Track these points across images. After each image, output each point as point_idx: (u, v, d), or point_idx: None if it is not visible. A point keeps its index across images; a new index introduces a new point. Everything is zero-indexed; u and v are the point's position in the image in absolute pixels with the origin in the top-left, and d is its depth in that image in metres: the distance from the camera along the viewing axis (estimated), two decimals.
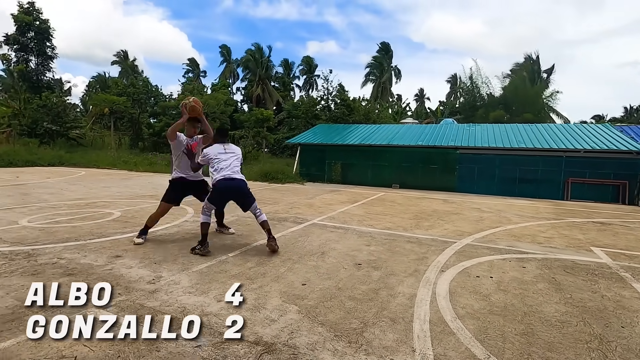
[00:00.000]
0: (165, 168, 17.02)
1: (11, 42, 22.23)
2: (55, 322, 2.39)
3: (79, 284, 3.06)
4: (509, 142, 11.87)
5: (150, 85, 25.12)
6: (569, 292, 3.26)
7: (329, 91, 23.47)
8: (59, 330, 2.28)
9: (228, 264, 3.72)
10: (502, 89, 33.22)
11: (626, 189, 10.29)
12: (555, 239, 5.38)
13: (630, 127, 15.81)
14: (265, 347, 2.19)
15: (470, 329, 2.50)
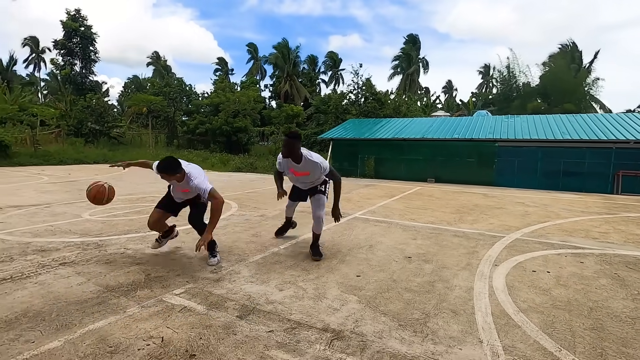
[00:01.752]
0: (202, 164, 17.64)
1: (59, 47, 23.68)
2: (137, 306, 2.60)
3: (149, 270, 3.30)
4: (552, 133, 11.36)
5: (184, 84, 25.97)
6: (636, 289, 3.14)
7: (358, 85, 23.31)
8: (142, 313, 2.48)
9: (281, 256, 3.85)
10: (540, 78, 31.65)
11: None
12: (611, 234, 5.15)
13: None
14: (334, 333, 2.29)
15: (536, 322, 2.48)
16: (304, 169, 3.62)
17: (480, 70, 48.93)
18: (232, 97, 23.43)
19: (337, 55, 44.81)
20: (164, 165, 3.23)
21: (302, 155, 3.55)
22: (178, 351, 2.05)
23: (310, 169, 3.60)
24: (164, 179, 3.34)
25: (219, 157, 18.26)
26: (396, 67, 43.22)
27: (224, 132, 22.76)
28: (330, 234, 4.83)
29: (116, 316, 2.43)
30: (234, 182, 11.27)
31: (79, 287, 2.90)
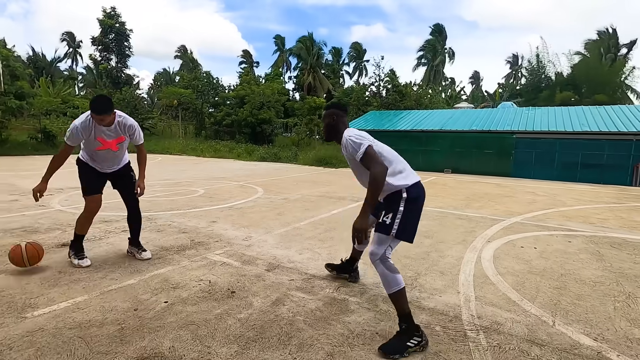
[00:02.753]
0: (228, 154, 18.59)
1: (96, 43, 25.24)
2: (187, 260, 3.33)
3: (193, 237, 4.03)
4: (571, 125, 11.40)
5: (211, 77, 27.02)
6: (610, 262, 3.57)
7: (380, 77, 23.54)
8: (192, 265, 3.20)
9: (301, 230, 4.51)
10: (571, 67, 30.53)
11: None
12: (609, 220, 5.48)
13: None
14: (341, 283, 2.91)
15: (509, 282, 3.00)
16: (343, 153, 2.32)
17: (508, 60, 47.49)
18: (257, 89, 24.23)
19: (361, 46, 44.77)
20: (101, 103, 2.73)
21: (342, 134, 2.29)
22: (222, 289, 2.74)
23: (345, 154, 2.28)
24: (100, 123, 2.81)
25: (245, 148, 19.15)
26: (421, 57, 42.74)
27: (249, 124, 23.65)
28: (344, 215, 5.43)
29: (173, 266, 3.16)
30: (260, 171, 12.03)
31: None
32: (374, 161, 2.05)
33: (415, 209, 2.17)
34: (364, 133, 2.22)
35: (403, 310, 2.08)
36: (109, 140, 2.97)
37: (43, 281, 2.77)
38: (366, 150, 2.08)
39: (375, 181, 2.00)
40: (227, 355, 1.91)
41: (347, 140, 2.17)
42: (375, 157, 2.08)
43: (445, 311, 2.48)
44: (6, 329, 2.09)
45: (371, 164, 2.05)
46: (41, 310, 2.32)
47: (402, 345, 1.97)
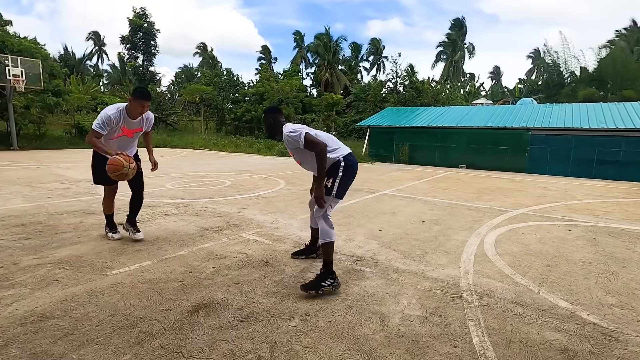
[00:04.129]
0: (248, 149, 19.27)
1: (125, 42, 26.41)
2: (226, 238, 3.88)
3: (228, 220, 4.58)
4: (587, 122, 11.45)
5: (232, 75, 27.80)
6: (603, 247, 3.92)
7: (397, 74, 23.71)
8: (230, 242, 3.75)
9: None
10: (598, 62, 29.64)
11: None
12: (614, 213, 5.75)
13: None
14: (358, 258, 3.40)
15: (506, 260, 3.42)
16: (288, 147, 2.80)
17: (530, 55, 46.48)
18: (276, 86, 24.84)
19: (379, 42, 44.68)
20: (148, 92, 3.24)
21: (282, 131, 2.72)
22: (257, 260, 3.27)
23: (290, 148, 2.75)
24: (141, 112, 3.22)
25: (264, 143, 19.78)
26: (440, 53, 42.37)
27: None
28: (361, 204, 5.90)
29: (214, 242, 3.72)
30: (280, 165, 12.60)
31: (185, 227, 4.25)
32: (314, 143, 2.59)
33: (350, 173, 2.76)
34: (298, 125, 2.75)
35: (328, 258, 2.66)
36: (129, 129, 3.33)
37: (112, 250, 3.38)
38: (305, 136, 2.59)
39: (320, 156, 2.58)
40: (268, 304, 2.44)
41: (287, 135, 2.65)
42: (314, 139, 2.60)
43: (446, 280, 2.93)
44: (95, 282, 2.68)
45: (313, 146, 2.59)
46: (117, 270, 2.91)
47: (317, 284, 2.55)
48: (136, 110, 3.20)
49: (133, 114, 3.24)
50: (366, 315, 2.32)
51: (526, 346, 2.02)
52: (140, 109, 3.20)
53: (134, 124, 3.34)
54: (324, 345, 1.98)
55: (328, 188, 2.68)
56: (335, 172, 2.71)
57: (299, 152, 2.75)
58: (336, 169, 2.71)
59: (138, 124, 3.38)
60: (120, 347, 1.89)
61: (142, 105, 3.20)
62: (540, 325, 2.25)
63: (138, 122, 3.37)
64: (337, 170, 2.71)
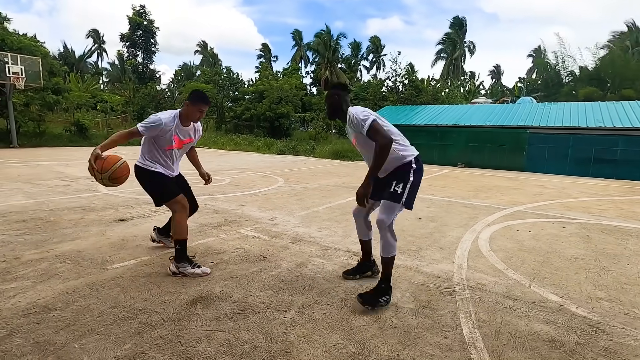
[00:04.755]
0: (247, 147, 19.32)
1: (125, 40, 26.42)
2: (224, 234, 3.94)
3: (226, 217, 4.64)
4: (585, 121, 11.50)
5: (232, 73, 27.80)
6: (595, 244, 3.99)
7: (396, 72, 23.74)
8: (228, 237, 3.81)
9: (320, 213, 5.07)
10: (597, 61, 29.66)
11: None
12: (609, 211, 5.81)
13: None
14: (353, 253, 3.46)
15: (499, 256, 3.48)
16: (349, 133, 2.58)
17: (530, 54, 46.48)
18: (275, 84, 24.85)
19: (379, 41, 44.76)
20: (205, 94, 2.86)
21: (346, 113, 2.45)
22: (255, 255, 3.33)
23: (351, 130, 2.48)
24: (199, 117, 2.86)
25: (264, 141, 19.84)
26: (440, 52, 42.37)
27: (267, 118, 24.34)
28: None
29: (213, 238, 3.78)
30: (279, 163, 12.65)
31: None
32: (380, 133, 2.24)
33: (419, 179, 2.44)
34: (369, 110, 2.38)
35: (389, 273, 2.42)
36: (182, 140, 2.91)
37: (112, 246, 3.44)
38: (372, 123, 2.26)
39: (382, 151, 2.21)
40: (265, 297, 2.50)
41: (353, 116, 2.33)
42: (381, 129, 2.26)
43: (440, 275, 2.99)
44: (95, 275, 2.74)
45: (378, 136, 2.24)
46: (117, 265, 2.97)
47: (375, 300, 2.33)
48: (193, 115, 2.82)
49: (188, 121, 2.85)
50: (360, 307, 2.38)
51: (514, 337, 2.09)
52: (198, 114, 2.83)
53: (186, 133, 2.91)
54: (318, 335, 2.04)
55: (397, 194, 2.34)
56: (406, 176, 2.36)
57: (361, 138, 2.41)
58: (407, 171, 2.37)
59: (189, 133, 2.95)
60: (120, 337, 1.95)
61: (201, 111, 2.82)
62: (530, 318, 2.31)
63: (189, 131, 2.94)
64: (408, 174, 2.37)
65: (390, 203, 2.36)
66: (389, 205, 2.37)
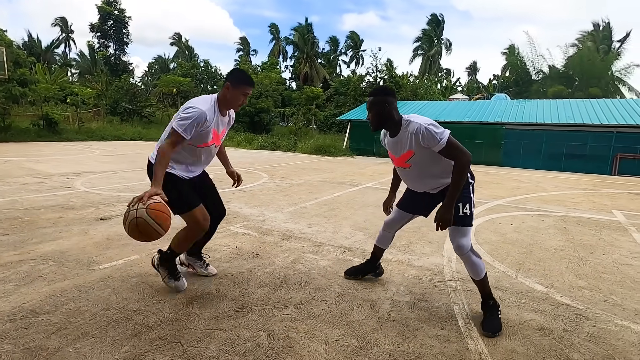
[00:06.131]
0: (227, 142, 19.00)
1: (95, 30, 25.26)
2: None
3: None
4: (557, 118, 12.01)
5: (210, 66, 27.19)
6: (572, 235, 4.19)
7: (377, 68, 23.93)
8: (219, 235, 3.75)
9: (307, 209, 5.07)
10: (566, 60, 30.93)
11: None
12: (582, 204, 6.12)
13: None
14: (345, 248, 3.49)
15: (485, 249, 3.60)
16: (401, 146, 2.18)
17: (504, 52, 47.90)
18: (255, 79, 24.51)
19: (358, 36, 44.87)
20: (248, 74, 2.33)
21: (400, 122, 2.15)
22: (247, 252, 3.30)
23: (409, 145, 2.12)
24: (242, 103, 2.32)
25: (244, 136, 19.57)
26: (417, 48, 42.95)
27: (247, 113, 24.00)
28: (345, 197, 6.00)
29: None
30: (261, 158, 12.53)
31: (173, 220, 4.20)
32: (460, 149, 2.00)
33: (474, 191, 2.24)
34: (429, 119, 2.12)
35: (490, 290, 2.22)
36: (219, 134, 2.41)
37: (97, 245, 3.32)
38: (449, 138, 2.00)
39: (464, 169, 1.99)
40: (261, 294, 2.48)
41: (425, 129, 2.00)
42: (459, 144, 2.02)
43: (431, 268, 3.07)
44: (83, 277, 2.64)
45: (458, 152, 2.00)
46: (105, 265, 2.87)
47: (498, 320, 2.12)
48: (236, 100, 2.29)
49: (227, 108, 2.35)
50: (358, 302, 2.41)
51: (507, 326, 2.17)
52: (242, 99, 2.30)
53: (223, 123, 2.41)
54: (319, 331, 2.05)
55: (468, 217, 2.14)
56: (468, 193, 2.16)
57: (425, 154, 2.10)
58: (467, 188, 2.15)
59: (227, 123, 2.46)
60: (117, 340, 1.89)
61: (245, 94, 2.30)
62: (519, 307, 2.41)
63: (225, 121, 2.43)
64: (469, 191, 2.17)
65: (463, 228, 2.16)
66: (463, 231, 2.16)
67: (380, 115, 2.15)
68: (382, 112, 2.13)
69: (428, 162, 2.14)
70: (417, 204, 2.47)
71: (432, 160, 2.13)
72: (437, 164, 2.15)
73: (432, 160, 2.13)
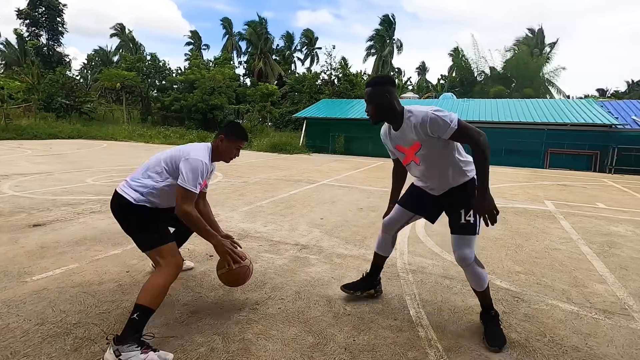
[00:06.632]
0: (178, 141, 18.19)
1: (23, 17, 22.79)
2: None
3: None
4: (497, 116, 12.97)
5: (157, 60, 25.77)
6: (511, 225, 4.56)
7: (331, 66, 24.18)
8: None
9: (263, 207, 5.01)
10: (504, 62, 33.45)
11: (597, 158, 11.53)
12: (518, 195, 6.66)
13: (610, 102, 16.82)
14: (302, 246, 3.50)
15: (435, 240, 3.80)
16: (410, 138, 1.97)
17: (450, 53, 50.64)
18: (207, 74, 23.66)
19: (312, 33, 44.95)
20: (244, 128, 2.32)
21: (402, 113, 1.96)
22: (200, 254, 3.19)
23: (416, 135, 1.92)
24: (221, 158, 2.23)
25: (197, 134, 18.86)
26: (370, 48, 43.99)
27: (199, 110, 23.13)
28: (301, 194, 6.01)
29: None
30: None
31: (115, 225, 3.87)
32: (473, 128, 1.83)
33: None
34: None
35: (491, 301, 2.11)
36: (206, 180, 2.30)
37: (29, 255, 3.02)
38: (459, 120, 1.80)
39: (485, 149, 1.81)
40: (216, 297, 2.42)
41: (433, 115, 1.81)
42: (470, 125, 1.85)
43: (385, 262, 3.17)
44: (12, 290, 2.39)
45: (471, 132, 1.81)
46: (39, 276, 2.62)
47: (501, 332, 2.02)
48: (229, 154, 2.24)
49: (219, 159, 2.26)
50: (314, 299, 2.43)
51: (454, 312, 2.31)
52: (235, 152, 2.26)
53: (211, 172, 2.37)
54: (275, 330, 2.04)
55: (472, 224, 2.01)
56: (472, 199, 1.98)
57: (434, 145, 1.91)
58: (472, 193, 1.99)
59: (210, 173, 2.36)
60: (54, 356, 1.74)
61: (239, 148, 2.27)
62: (464, 294, 2.58)
63: (211, 170, 2.37)
64: (473, 195, 1.97)
65: (467, 237, 2.03)
66: (467, 239, 2.04)
67: (382, 107, 1.96)
68: (384, 103, 1.94)
69: (435, 155, 1.96)
70: (421, 202, 2.28)
71: (440, 154, 1.95)
72: (444, 158, 1.97)
73: (439, 154, 1.95)
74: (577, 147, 11.75)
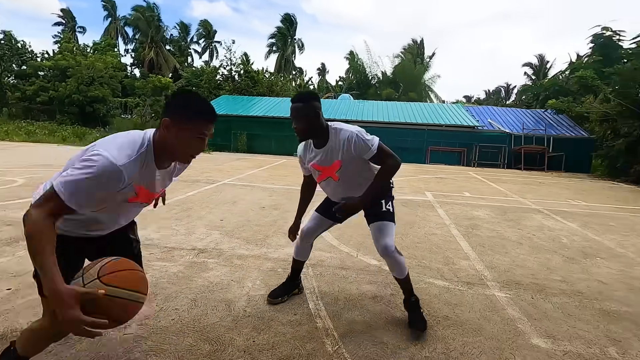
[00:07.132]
0: (47, 138, 15.40)
1: None
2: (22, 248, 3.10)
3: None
4: (388, 117, 14.34)
5: (13, 39, 21.31)
6: (398, 215, 5.08)
7: (231, 61, 23.41)
8: None
9: (156, 211, 4.55)
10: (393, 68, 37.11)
11: (465, 154, 13.74)
12: (405, 188, 7.49)
13: (474, 107, 20.20)
14: (200, 250, 3.32)
15: (333, 234, 4.00)
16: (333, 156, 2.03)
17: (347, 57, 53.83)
18: (84, 61, 20.50)
19: (211, 26, 42.86)
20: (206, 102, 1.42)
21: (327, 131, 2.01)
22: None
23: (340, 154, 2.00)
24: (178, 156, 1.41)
25: (72, 130, 16.24)
26: (272, 45, 43.92)
27: (75, 102, 19.93)
28: (200, 195, 5.70)
29: (7, 258, 2.92)
30: None
31: None
32: (391, 154, 2.00)
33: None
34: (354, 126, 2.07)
35: (411, 285, 2.24)
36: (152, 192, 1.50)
37: None
38: (379, 143, 1.98)
39: (392, 173, 2.01)
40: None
41: (357, 136, 1.93)
42: (389, 149, 2.01)
43: (286, 259, 3.21)
44: None
45: (388, 156, 1.99)
46: None
47: (421, 316, 2.15)
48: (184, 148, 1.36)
49: (171, 158, 1.45)
50: (212, 305, 2.33)
51: (349, 300, 2.48)
52: (197, 144, 1.37)
53: (163, 178, 1.50)
54: (168, 344, 1.89)
55: (391, 213, 2.20)
56: (390, 192, 2.31)
57: (355, 164, 2.02)
58: (389, 188, 2.31)
59: (169, 176, 1.56)
60: None
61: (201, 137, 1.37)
62: (358, 282, 2.79)
63: (167, 174, 1.53)
64: (390, 190, 2.31)
65: (388, 223, 2.16)
66: (388, 226, 2.15)
67: (311, 124, 1.95)
68: (313, 120, 1.95)
69: (354, 173, 2.07)
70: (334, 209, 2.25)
71: (357, 172, 2.07)
72: (361, 175, 2.09)
73: (357, 172, 2.07)
74: (450, 144, 13.77)
